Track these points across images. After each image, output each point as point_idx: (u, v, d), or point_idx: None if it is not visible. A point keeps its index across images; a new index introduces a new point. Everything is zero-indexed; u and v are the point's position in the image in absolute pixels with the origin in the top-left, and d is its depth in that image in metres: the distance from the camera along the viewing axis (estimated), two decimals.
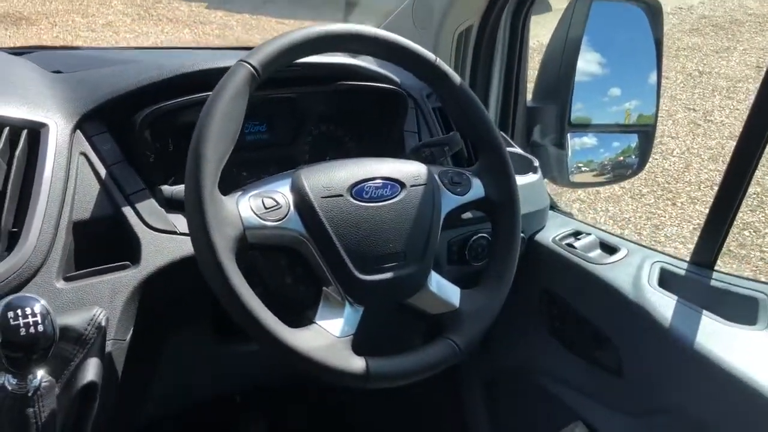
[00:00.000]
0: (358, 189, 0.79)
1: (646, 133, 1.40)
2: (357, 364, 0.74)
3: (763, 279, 2.66)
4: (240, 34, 5.59)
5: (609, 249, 1.12)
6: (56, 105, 0.87)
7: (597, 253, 1.13)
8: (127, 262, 0.83)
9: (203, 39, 5.40)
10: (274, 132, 1.06)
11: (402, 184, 0.81)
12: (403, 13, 1.24)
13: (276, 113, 1.05)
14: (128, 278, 0.82)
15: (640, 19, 1.35)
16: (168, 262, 0.84)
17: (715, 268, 1.02)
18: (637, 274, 1.03)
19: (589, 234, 1.16)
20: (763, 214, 3.37)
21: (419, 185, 0.82)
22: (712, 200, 0.98)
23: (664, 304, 0.98)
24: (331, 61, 1.04)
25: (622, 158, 1.43)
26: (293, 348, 0.72)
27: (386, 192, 0.80)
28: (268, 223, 0.75)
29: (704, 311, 0.95)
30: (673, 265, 1.04)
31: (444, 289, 0.83)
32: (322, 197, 0.77)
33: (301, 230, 0.76)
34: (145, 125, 0.88)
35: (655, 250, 1.10)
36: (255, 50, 0.77)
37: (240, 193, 0.76)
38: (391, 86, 1.04)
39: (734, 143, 0.95)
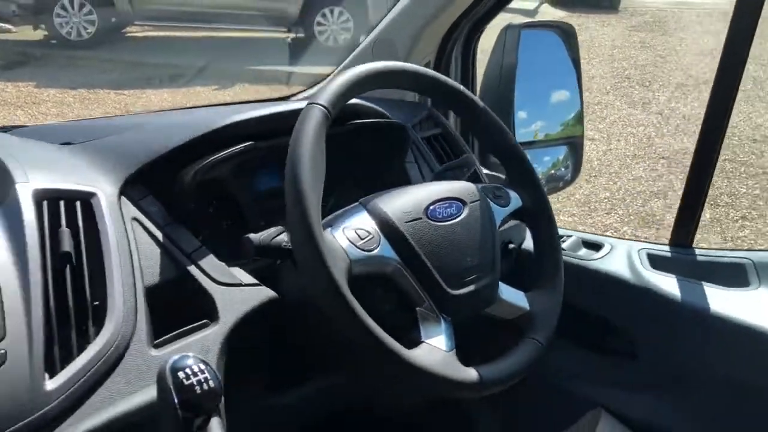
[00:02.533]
0: (431, 210, 0.82)
1: (573, 144, 1.55)
2: (471, 374, 0.77)
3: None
4: (80, 110, 5.33)
5: (593, 246, 1.23)
6: (95, 173, 0.83)
7: (583, 251, 1.24)
8: (206, 321, 0.80)
9: (40, 119, 5.07)
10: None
11: (463, 202, 0.86)
12: (363, 52, 1.30)
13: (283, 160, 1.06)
14: (214, 336, 0.79)
15: (559, 43, 1.52)
16: (243, 314, 0.82)
17: (694, 245, 1.16)
18: (629, 262, 1.15)
19: (570, 236, 1.27)
20: None
21: (476, 201, 0.87)
22: (684, 184, 1.13)
23: (663, 283, 1.10)
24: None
25: (553, 171, 1.57)
26: (415, 365, 0.73)
27: (453, 211, 0.84)
28: (367, 254, 0.76)
29: (702, 282, 1.08)
30: (657, 250, 1.17)
31: (512, 294, 0.89)
32: (405, 222, 0.80)
33: (394, 256, 0.78)
34: (195, 181, 0.86)
35: (636, 240, 1.23)
36: (320, 92, 0.79)
37: (328, 228, 0.77)
38: (394, 120, 1.09)
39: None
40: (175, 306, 0.79)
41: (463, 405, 1.33)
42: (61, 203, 0.76)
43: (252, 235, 0.79)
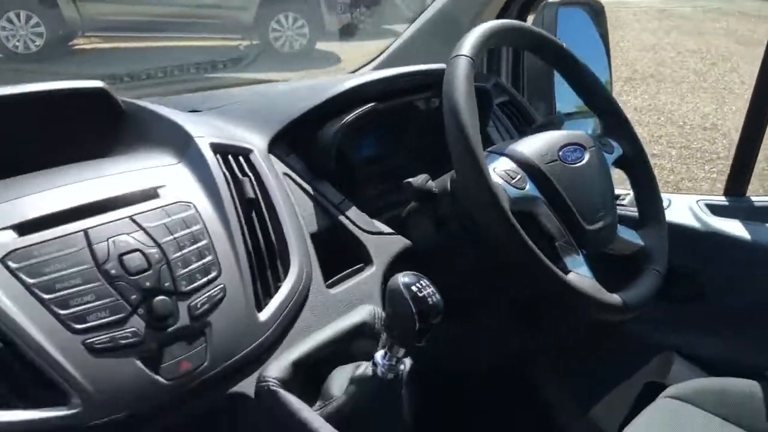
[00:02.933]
0: (563, 153, 0.90)
1: None
2: (616, 299, 0.85)
3: None
4: None
5: None
6: (242, 133, 0.87)
7: None
8: (362, 264, 0.86)
9: None
10: (378, 146, 1.12)
11: (584, 147, 0.94)
12: (427, 25, 1.36)
13: (376, 128, 1.12)
14: (373, 277, 0.85)
15: (588, 20, 1.62)
16: (390, 258, 0.88)
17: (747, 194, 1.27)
18: (691, 212, 1.25)
19: (628, 194, 1.36)
20: None
21: (593, 147, 0.95)
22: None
23: (726, 227, 1.20)
24: (421, 70, 1.13)
25: None
26: (575, 288, 0.81)
27: (578, 155, 0.92)
28: (521, 191, 0.83)
29: (764, 223, 1.19)
30: (713, 200, 1.28)
31: (627, 232, 0.97)
32: (545, 163, 0.87)
33: (539, 194, 0.86)
34: (335, 140, 0.91)
35: (690, 194, 1.33)
36: (461, 43, 0.85)
37: None
38: (480, 85, 1.16)
39: None
40: (332, 252, 0.85)
41: (527, 371, 1.40)
42: (230, 157, 0.80)
43: (411, 180, 0.85)
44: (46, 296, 0.58)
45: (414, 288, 0.65)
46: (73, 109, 0.80)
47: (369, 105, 0.97)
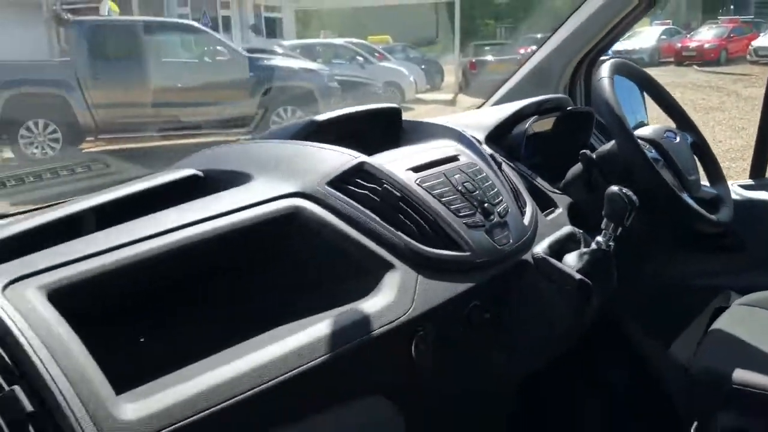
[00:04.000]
0: (666, 135, 1.44)
1: None
2: (712, 216, 1.37)
3: None
4: None
5: None
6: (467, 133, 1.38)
7: None
8: (552, 208, 1.36)
9: None
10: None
11: (675, 134, 1.48)
12: (523, 80, 1.92)
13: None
14: (562, 214, 1.34)
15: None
16: (568, 204, 1.39)
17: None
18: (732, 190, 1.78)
19: None
20: None
21: (677, 134, 1.49)
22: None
23: (758, 195, 1.73)
24: (551, 98, 1.67)
25: None
26: (690, 205, 1.32)
27: (674, 136, 1.46)
28: (649, 154, 1.36)
29: None
30: (743, 182, 1.81)
31: (706, 187, 1.50)
32: (660, 139, 1.41)
33: (658, 156, 1.39)
34: (524, 136, 1.43)
35: None
36: (600, 71, 1.40)
37: None
38: (585, 108, 1.71)
39: None
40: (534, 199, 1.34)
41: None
42: (475, 142, 1.31)
43: (586, 151, 1.37)
44: (441, 198, 1.07)
45: (624, 190, 1.16)
46: (370, 125, 1.32)
47: (531, 118, 1.50)
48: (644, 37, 18.43)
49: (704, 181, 1.56)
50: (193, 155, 1.19)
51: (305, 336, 0.83)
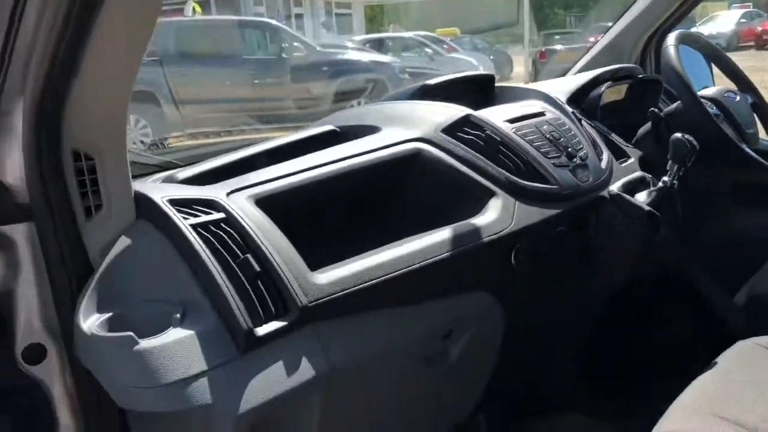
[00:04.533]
0: (727, 95, 1.64)
1: None
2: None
3: None
4: None
5: None
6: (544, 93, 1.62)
7: None
8: (624, 158, 1.59)
9: None
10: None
11: (736, 93, 1.67)
12: (597, 55, 2.14)
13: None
14: (633, 163, 1.57)
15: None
16: (638, 156, 1.61)
17: None
18: None
19: None
20: None
21: (738, 94, 1.69)
22: None
23: None
24: (624, 66, 1.88)
25: None
26: (749, 154, 1.52)
27: (734, 96, 1.66)
28: (712, 111, 1.57)
29: None
30: None
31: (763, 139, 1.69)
32: (721, 97, 1.61)
33: (719, 113, 1.59)
34: (600, 97, 1.66)
35: None
36: (668, 41, 1.61)
37: None
38: (655, 76, 1.92)
39: None
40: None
41: None
42: (559, 103, 1.55)
43: (654, 109, 1.59)
44: (533, 143, 1.32)
45: (686, 136, 1.38)
46: (469, 88, 1.58)
47: (607, 83, 1.73)
48: (722, 20, 17.92)
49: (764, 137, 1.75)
50: (328, 117, 1.47)
51: (433, 238, 1.10)
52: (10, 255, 0.93)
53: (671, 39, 1.60)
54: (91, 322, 0.87)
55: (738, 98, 1.66)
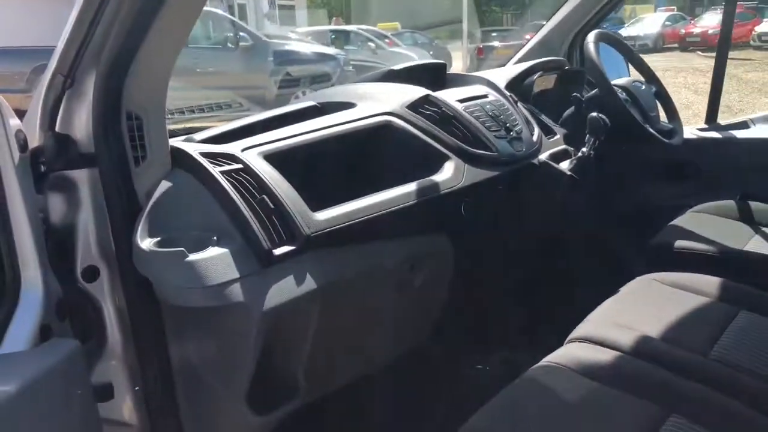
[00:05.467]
0: (634, 84, 1.99)
1: None
2: (665, 140, 1.92)
3: None
4: None
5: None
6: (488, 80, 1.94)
7: None
8: (552, 134, 1.93)
9: None
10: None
11: (642, 83, 2.03)
12: (532, 49, 2.48)
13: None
14: (559, 138, 1.91)
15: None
16: (564, 133, 1.95)
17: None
18: (691, 132, 2.34)
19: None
20: None
21: (644, 83, 2.04)
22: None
23: (710, 134, 2.29)
24: (553, 59, 2.22)
25: None
26: (649, 131, 1.87)
27: (640, 86, 2.01)
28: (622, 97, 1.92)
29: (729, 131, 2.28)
30: (701, 126, 2.37)
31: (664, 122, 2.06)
32: (630, 86, 1.96)
33: (627, 98, 1.94)
34: (532, 85, 1.99)
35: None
36: (588, 38, 1.95)
37: None
38: (579, 68, 2.26)
39: None
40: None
41: None
42: (498, 86, 1.87)
43: (576, 94, 1.92)
44: (479, 119, 1.63)
45: (601, 115, 1.72)
46: (426, 73, 1.89)
47: (538, 73, 2.06)
48: (648, 23, 18.90)
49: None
50: (309, 95, 1.75)
51: (403, 189, 1.40)
52: (73, 194, 1.17)
53: (591, 37, 1.94)
54: (147, 242, 1.13)
55: (644, 87, 2.02)
